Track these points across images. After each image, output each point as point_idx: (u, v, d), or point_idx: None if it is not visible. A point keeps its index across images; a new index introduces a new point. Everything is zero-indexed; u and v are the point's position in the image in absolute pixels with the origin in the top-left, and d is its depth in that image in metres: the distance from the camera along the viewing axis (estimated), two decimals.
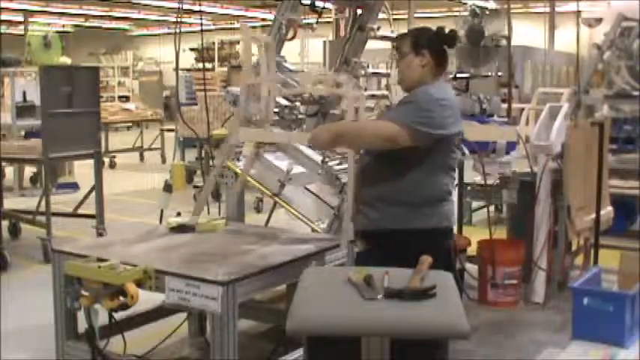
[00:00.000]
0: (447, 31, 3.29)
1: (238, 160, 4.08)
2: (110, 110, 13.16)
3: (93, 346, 3.35)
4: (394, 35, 4.78)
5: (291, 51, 4.88)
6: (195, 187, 8.88)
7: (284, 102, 4.06)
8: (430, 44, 3.19)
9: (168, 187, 4.18)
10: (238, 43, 21.65)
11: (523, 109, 8.78)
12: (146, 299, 3.38)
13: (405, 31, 3.42)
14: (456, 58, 5.38)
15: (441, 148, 3.11)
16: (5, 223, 6.72)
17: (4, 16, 21.25)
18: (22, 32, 20.35)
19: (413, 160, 3.10)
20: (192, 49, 20.93)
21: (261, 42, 3.71)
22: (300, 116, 4.19)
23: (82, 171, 9.02)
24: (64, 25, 25.91)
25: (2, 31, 20.41)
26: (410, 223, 3.12)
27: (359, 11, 4.41)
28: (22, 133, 9.64)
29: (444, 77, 3.31)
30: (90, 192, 6.80)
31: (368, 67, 4.60)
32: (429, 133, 3.02)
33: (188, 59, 20.63)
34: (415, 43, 3.20)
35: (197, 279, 3.01)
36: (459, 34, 5.24)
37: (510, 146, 4.83)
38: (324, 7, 4.29)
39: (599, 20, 8.28)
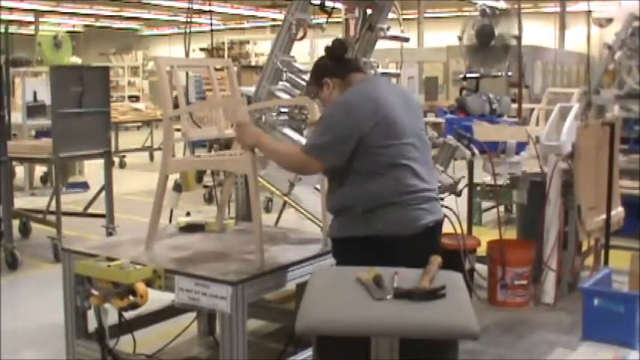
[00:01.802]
0: (333, 43, 3.18)
1: None
2: (120, 110, 13.22)
3: (103, 346, 3.36)
4: (404, 35, 4.79)
5: (300, 51, 4.88)
6: (205, 186, 8.87)
7: None
8: (325, 70, 3.14)
9: (177, 187, 4.19)
10: (248, 42, 21.71)
11: (533, 109, 8.79)
12: (156, 299, 3.39)
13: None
14: (466, 58, 5.36)
15: (361, 155, 2.91)
16: (16, 223, 6.74)
17: (15, 16, 21.37)
18: (33, 32, 20.51)
19: (339, 171, 2.98)
20: (202, 49, 20.99)
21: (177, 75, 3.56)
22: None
23: (92, 170, 9.05)
24: (74, 25, 26.05)
25: (13, 31, 20.51)
26: (344, 232, 3.01)
27: (369, 11, 4.40)
28: (33, 132, 9.72)
29: (352, 78, 3.10)
30: (100, 191, 6.82)
31: (378, 67, 4.58)
32: (336, 157, 2.91)
33: None
34: (315, 80, 3.18)
35: (207, 278, 3.01)
36: (469, 34, 5.23)
37: (520, 146, 4.81)
38: (333, 7, 4.28)
39: (609, 20, 8.26)
